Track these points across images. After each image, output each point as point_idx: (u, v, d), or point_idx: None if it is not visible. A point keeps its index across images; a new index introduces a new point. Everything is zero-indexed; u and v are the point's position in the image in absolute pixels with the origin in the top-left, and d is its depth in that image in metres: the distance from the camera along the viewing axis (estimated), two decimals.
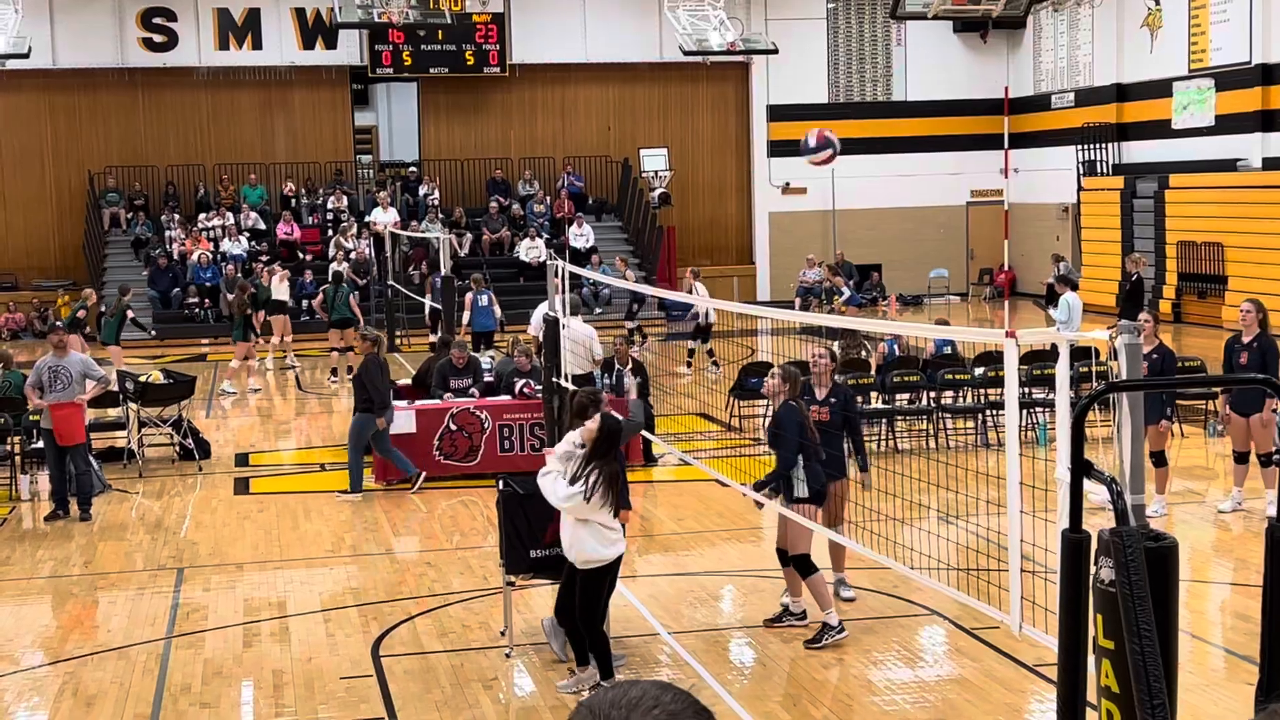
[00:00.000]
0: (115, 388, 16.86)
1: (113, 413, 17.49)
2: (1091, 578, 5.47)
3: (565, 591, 9.21)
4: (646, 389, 16.85)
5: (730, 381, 19.33)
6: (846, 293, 28.83)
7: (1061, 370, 6.27)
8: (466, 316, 23.54)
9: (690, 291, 23.96)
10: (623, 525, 9.19)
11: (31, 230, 34.53)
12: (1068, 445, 5.65)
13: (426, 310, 26.35)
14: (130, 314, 23.69)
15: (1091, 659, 5.52)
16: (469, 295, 23.65)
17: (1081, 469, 5.43)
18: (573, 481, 8.84)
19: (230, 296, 24.96)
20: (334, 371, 24.29)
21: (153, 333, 24.53)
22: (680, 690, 2.41)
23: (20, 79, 33.43)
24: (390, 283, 28.80)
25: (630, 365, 16.57)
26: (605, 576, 9.04)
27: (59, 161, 34.68)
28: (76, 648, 10.56)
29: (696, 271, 25.74)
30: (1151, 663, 4.83)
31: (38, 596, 12.07)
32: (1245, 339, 13.32)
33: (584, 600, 9.00)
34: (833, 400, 10.92)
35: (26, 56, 31.62)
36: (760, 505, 10.73)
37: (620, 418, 9.70)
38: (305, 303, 29.73)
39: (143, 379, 17.44)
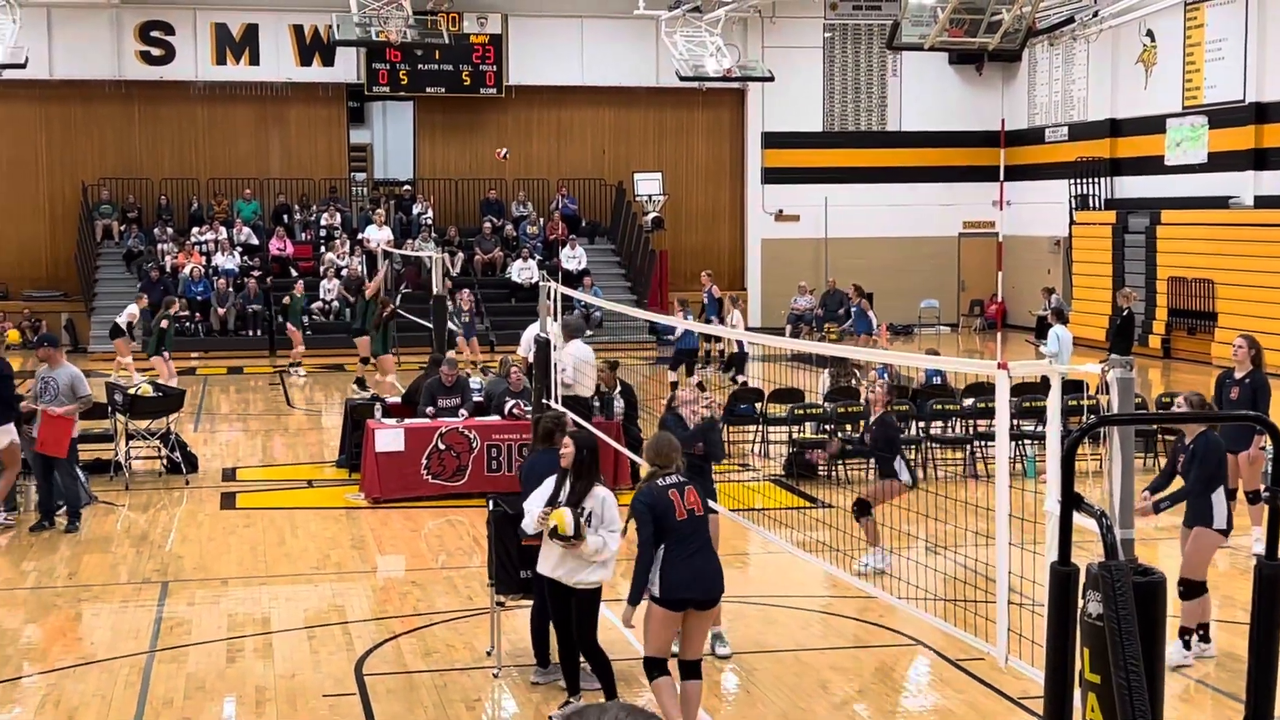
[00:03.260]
0: (116, 399, 16.93)
1: (102, 425, 17.43)
2: (1079, 611, 5.48)
3: (561, 619, 9.10)
4: (635, 413, 16.85)
5: (719, 408, 19.32)
6: (872, 318, 29.04)
7: (1053, 403, 6.27)
8: (678, 334, 24.32)
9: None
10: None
11: (24, 241, 34.48)
12: (1058, 478, 5.65)
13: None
14: (164, 325, 23.68)
15: (1077, 693, 5.52)
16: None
17: (1071, 502, 5.44)
18: (570, 505, 8.75)
19: (384, 307, 24.80)
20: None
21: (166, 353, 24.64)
22: (647, 712, 2.42)
23: (16, 89, 33.42)
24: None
25: (619, 389, 16.57)
26: (600, 594, 8.98)
27: (53, 172, 34.66)
28: (59, 659, 10.51)
29: (735, 298, 26.40)
30: (1138, 698, 4.83)
31: (21, 607, 12.01)
32: (1237, 375, 13.32)
33: (586, 621, 8.91)
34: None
35: (23, 67, 31.63)
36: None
37: (593, 431, 9.60)
38: (306, 318, 30.15)
39: (131, 391, 17.40)
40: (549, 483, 8.98)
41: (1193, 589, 10.08)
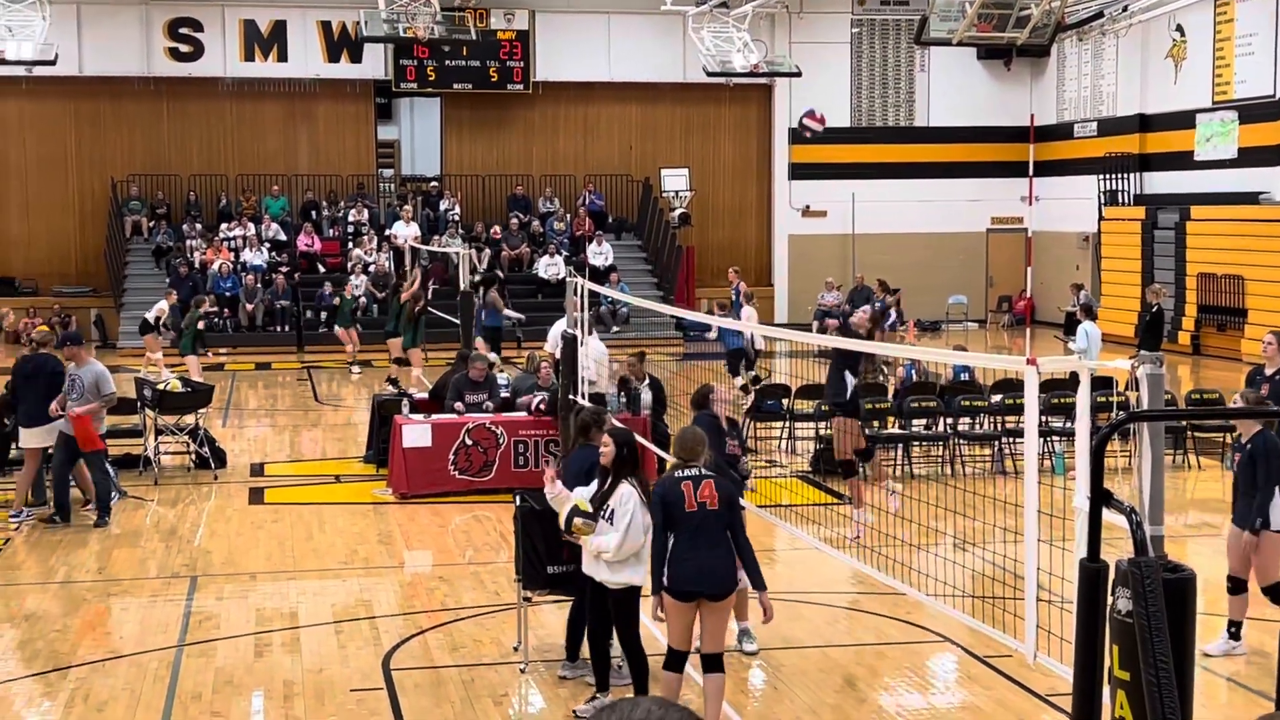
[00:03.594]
0: (145, 394, 17.02)
1: (131, 420, 17.52)
2: (1108, 608, 5.45)
3: (596, 615, 9.11)
4: (663, 408, 16.85)
5: (747, 403, 19.33)
6: (892, 316, 28.90)
7: (1082, 399, 6.25)
8: (714, 334, 24.29)
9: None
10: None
11: (54, 236, 34.67)
12: (1087, 474, 5.63)
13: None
14: (200, 325, 23.73)
15: (1106, 690, 5.50)
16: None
17: (1101, 498, 5.42)
18: (601, 504, 8.73)
19: (415, 304, 24.81)
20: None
21: (204, 351, 24.62)
22: (681, 707, 2.42)
23: (46, 86, 33.60)
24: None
25: (646, 381, 16.56)
26: (639, 593, 8.94)
27: (82, 169, 34.83)
28: (88, 653, 10.57)
29: (749, 295, 26.32)
30: (1167, 695, 4.80)
31: (51, 601, 12.08)
32: (1268, 371, 13.25)
33: (623, 620, 8.88)
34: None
35: (53, 64, 31.78)
36: None
37: (626, 429, 9.58)
38: (324, 314, 30.36)
39: (160, 387, 17.48)
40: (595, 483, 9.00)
41: (1277, 590, 10.11)
